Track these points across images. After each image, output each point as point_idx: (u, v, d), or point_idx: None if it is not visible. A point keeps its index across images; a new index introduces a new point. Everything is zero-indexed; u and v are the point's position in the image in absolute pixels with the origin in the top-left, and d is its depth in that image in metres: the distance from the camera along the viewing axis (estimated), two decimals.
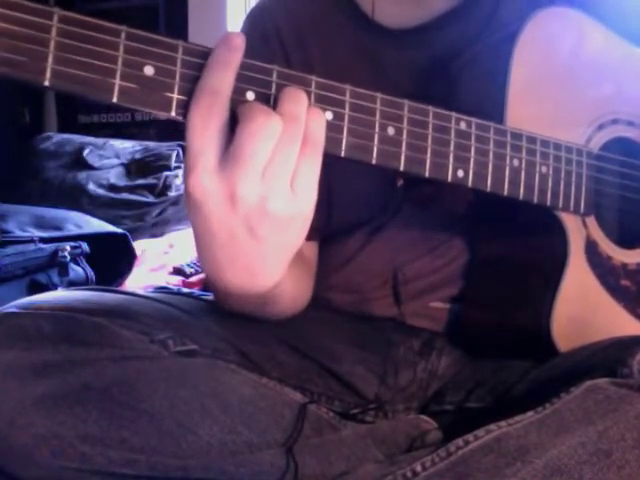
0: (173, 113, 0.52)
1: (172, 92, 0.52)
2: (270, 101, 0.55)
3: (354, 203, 0.82)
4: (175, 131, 2.38)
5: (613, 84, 0.78)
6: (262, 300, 0.67)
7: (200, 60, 0.53)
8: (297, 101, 0.54)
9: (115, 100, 0.50)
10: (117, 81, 0.50)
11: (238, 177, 0.51)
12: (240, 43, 0.53)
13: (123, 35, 0.50)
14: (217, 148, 0.52)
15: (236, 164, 0.51)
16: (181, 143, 2.31)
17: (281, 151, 0.52)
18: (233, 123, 0.53)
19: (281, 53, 0.83)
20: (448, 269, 0.83)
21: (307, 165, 0.54)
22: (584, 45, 0.76)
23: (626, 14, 0.81)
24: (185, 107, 0.53)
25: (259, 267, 0.59)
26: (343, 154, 0.58)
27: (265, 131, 0.51)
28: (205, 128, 0.51)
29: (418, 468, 0.54)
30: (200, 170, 0.52)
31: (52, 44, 0.48)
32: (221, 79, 0.52)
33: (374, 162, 0.60)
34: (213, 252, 0.58)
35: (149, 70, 0.51)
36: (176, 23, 2.54)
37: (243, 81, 0.54)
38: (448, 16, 0.81)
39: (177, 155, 2.26)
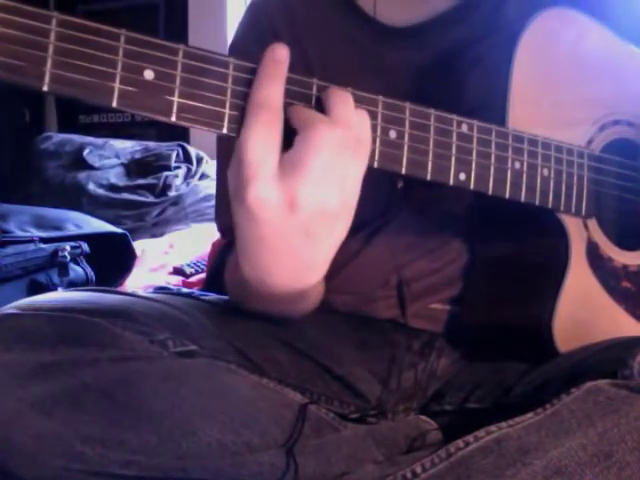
0: (174, 118, 0.52)
1: (172, 96, 0.52)
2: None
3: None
4: (175, 131, 2.38)
5: (615, 85, 0.78)
6: (297, 298, 0.67)
7: (201, 64, 0.53)
8: (347, 105, 0.56)
9: (115, 104, 0.50)
10: (117, 85, 0.50)
11: (298, 185, 0.53)
12: (285, 55, 0.54)
13: (122, 39, 0.50)
14: (276, 158, 0.53)
15: (296, 172, 0.53)
16: (181, 143, 2.31)
17: (338, 157, 0.54)
18: None
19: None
20: (448, 270, 0.83)
21: (358, 165, 0.56)
22: (586, 46, 0.76)
23: (628, 15, 0.81)
24: (185, 111, 0.52)
25: (308, 266, 0.60)
26: None
27: (326, 140, 0.53)
28: (264, 140, 0.53)
29: (418, 469, 0.54)
30: (260, 181, 0.53)
31: (51, 48, 0.47)
32: (274, 92, 0.53)
33: (376, 165, 0.60)
34: (261, 257, 0.58)
35: (149, 74, 0.51)
36: (176, 23, 2.54)
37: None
38: (449, 15, 0.81)
39: (177, 155, 2.26)
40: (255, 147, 0.52)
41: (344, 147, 0.54)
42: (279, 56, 0.54)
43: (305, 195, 0.53)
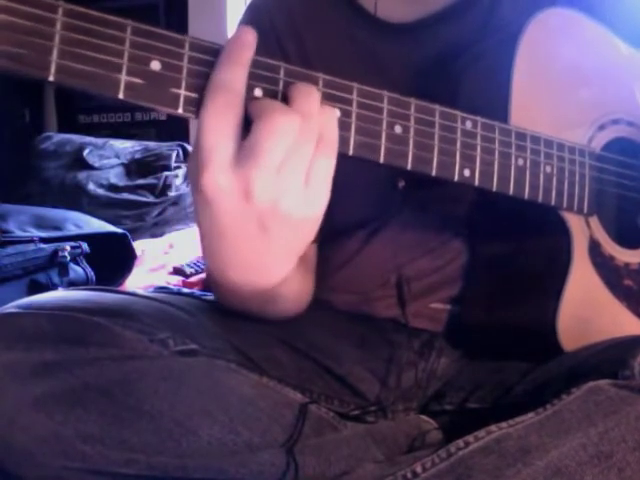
0: (180, 110, 0.52)
1: (179, 88, 0.52)
2: (278, 98, 0.55)
3: (355, 204, 0.82)
4: (175, 131, 2.38)
5: (614, 85, 0.79)
6: (266, 297, 0.67)
7: (207, 56, 0.53)
8: (310, 98, 0.54)
9: (121, 96, 0.50)
10: (123, 76, 0.49)
11: (254, 174, 0.51)
12: (252, 39, 0.53)
13: (129, 29, 0.50)
14: (232, 145, 0.52)
15: (252, 161, 0.51)
16: (181, 143, 2.31)
17: (297, 148, 0.52)
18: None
19: (278, 50, 0.83)
20: (448, 269, 0.83)
21: (321, 162, 0.54)
22: (585, 46, 0.76)
23: (626, 16, 0.81)
24: (192, 103, 0.52)
25: (267, 264, 0.59)
26: (351, 152, 0.58)
27: (283, 129, 0.51)
28: (220, 124, 0.51)
29: (418, 469, 0.54)
30: (214, 167, 0.51)
31: (57, 38, 0.47)
32: (235, 75, 0.52)
33: (382, 161, 0.59)
34: (220, 248, 0.58)
35: (155, 65, 0.51)
36: (176, 23, 2.54)
37: (251, 78, 0.54)
38: (447, 12, 0.81)
39: (177, 155, 2.26)
40: (211, 131, 0.51)
41: (304, 139, 0.53)
42: (245, 40, 0.53)
43: (260, 185, 0.51)
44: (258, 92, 0.54)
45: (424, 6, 0.81)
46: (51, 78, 0.47)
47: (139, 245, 1.75)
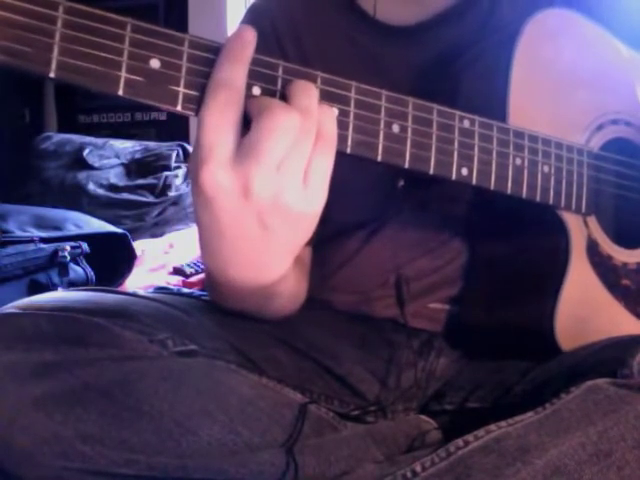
0: (179, 107, 0.52)
1: (178, 86, 0.52)
2: (276, 96, 0.55)
3: (355, 204, 0.82)
4: (175, 131, 2.38)
5: (612, 85, 0.79)
6: (263, 295, 0.67)
7: (206, 54, 0.53)
8: (309, 95, 0.54)
9: (121, 93, 0.50)
10: (123, 74, 0.50)
11: (254, 171, 0.51)
12: (252, 37, 0.53)
13: (129, 27, 0.50)
14: (232, 142, 0.52)
15: (252, 158, 0.51)
16: (181, 143, 2.31)
17: (297, 146, 0.52)
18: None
19: (278, 51, 0.83)
20: (447, 270, 0.83)
21: (320, 160, 0.54)
22: (583, 46, 0.76)
23: (623, 17, 0.81)
24: (191, 101, 0.52)
25: (265, 261, 0.60)
26: (349, 150, 0.58)
27: (284, 126, 0.52)
28: (221, 122, 0.51)
29: (418, 468, 0.54)
30: (214, 164, 0.51)
31: (57, 35, 0.48)
32: (236, 73, 0.52)
33: (379, 159, 0.60)
34: (220, 246, 0.58)
35: (155, 63, 0.51)
36: (176, 23, 2.54)
37: (249, 76, 0.54)
38: (447, 13, 0.81)
39: (177, 155, 2.26)
40: (211, 128, 0.51)
41: (303, 136, 0.53)
42: (246, 38, 0.53)
43: (260, 183, 0.52)
44: (256, 90, 0.55)
45: (424, 8, 0.81)
46: (52, 75, 0.48)
47: (139, 245, 1.75)
